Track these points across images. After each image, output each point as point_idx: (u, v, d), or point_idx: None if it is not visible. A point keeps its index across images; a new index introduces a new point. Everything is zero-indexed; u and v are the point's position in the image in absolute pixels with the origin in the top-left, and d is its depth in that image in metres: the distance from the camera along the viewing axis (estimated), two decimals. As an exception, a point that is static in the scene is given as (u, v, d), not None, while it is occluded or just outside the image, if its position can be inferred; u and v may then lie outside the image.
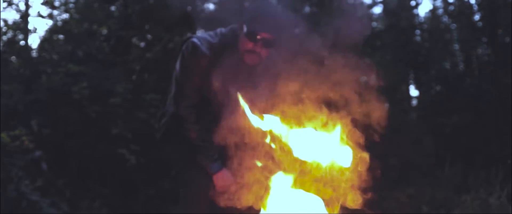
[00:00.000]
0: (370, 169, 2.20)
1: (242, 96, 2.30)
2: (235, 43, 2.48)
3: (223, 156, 2.50)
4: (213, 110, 2.49)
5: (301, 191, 2.23)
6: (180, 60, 2.52)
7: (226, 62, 2.47)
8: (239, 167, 2.32)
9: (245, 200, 2.26)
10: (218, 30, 2.57)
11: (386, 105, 2.29)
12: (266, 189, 2.26)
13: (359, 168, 2.20)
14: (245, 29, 2.42)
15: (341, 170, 2.21)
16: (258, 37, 2.39)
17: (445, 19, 9.57)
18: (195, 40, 2.48)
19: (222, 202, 2.36)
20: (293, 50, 2.35)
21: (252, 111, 2.27)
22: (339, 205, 2.22)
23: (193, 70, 2.47)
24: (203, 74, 2.45)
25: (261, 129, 2.25)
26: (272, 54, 2.56)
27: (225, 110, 2.38)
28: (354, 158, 2.20)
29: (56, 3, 6.84)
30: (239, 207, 2.31)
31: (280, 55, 2.56)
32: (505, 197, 5.37)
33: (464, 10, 8.92)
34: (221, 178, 2.50)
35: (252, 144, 2.27)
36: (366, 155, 2.21)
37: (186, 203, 2.61)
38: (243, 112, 2.28)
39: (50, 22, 7.13)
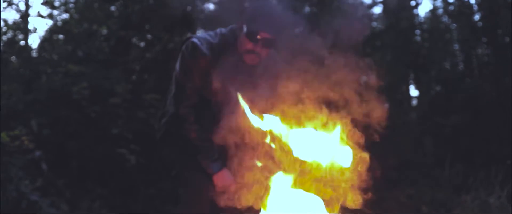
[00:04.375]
0: (370, 169, 2.20)
1: (242, 96, 2.30)
2: (235, 43, 2.48)
3: (223, 156, 2.50)
4: (213, 110, 2.48)
5: (301, 191, 2.23)
6: (180, 60, 2.52)
7: (226, 62, 2.47)
8: (239, 167, 2.32)
9: (245, 200, 2.26)
10: (218, 30, 2.56)
11: (386, 105, 2.29)
12: (266, 189, 2.25)
13: (359, 168, 2.20)
14: (245, 29, 2.41)
15: (341, 170, 2.21)
16: (258, 37, 2.39)
17: (445, 19, 9.56)
18: (195, 40, 2.48)
19: (223, 202, 2.36)
20: (293, 50, 2.35)
21: (252, 111, 2.27)
22: (339, 205, 2.22)
23: (193, 70, 2.46)
24: (203, 74, 2.45)
25: (261, 129, 2.25)
26: (272, 54, 2.56)
27: (225, 110, 2.38)
28: (354, 158, 2.20)
29: (56, 3, 6.84)
30: (239, 207, 2.30)
31: (280, 55, 2.57)
32: (505, 198, 5.37)
33: (464, 10, 8.92)
34: (221, 178, 2.50)
35: (252, 144, 2.27)
36: (366, 155, 2.21)
37: (186, 203, 2.61)
38: (243, 112, 2.28)
39: (50, 22, 7.13)
